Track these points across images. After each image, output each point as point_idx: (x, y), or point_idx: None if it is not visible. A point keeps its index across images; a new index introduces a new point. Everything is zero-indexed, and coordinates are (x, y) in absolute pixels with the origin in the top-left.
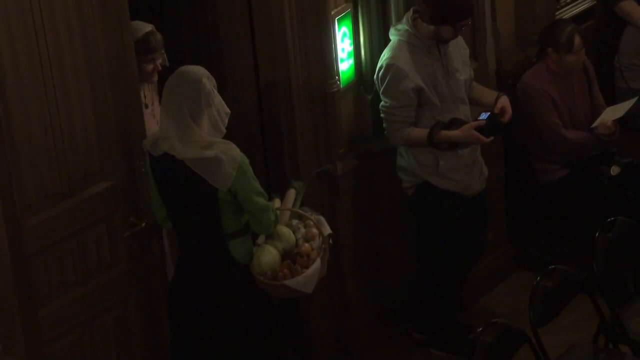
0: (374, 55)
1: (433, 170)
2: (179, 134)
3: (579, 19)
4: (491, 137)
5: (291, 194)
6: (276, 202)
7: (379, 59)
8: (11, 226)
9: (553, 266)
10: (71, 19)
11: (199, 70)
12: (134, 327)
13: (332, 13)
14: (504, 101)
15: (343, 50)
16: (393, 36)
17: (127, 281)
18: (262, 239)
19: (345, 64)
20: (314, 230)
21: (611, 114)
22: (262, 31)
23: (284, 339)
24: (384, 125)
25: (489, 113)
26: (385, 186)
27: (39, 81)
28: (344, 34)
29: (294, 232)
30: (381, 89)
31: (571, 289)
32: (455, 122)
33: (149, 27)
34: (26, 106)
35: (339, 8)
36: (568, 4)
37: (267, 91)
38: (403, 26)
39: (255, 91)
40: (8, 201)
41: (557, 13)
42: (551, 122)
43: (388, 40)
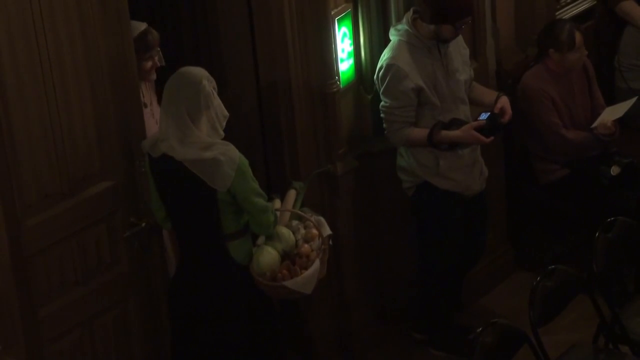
0: (374, 55)
1: (433, 171)
2: (178, 135)
3: (579, 19)
4: (491, 137)
5: (291, 194)
6: (276, 202)
7: (379, 59)
8: (11, 226)
9: (553, 266)
10: (71, 19)
11: (198, 72)
12: (134, 327)
13: (332, 13)
14: (504, 101)
15: (343, 50)
16: (393, 36)
17: (127, 281)
18: (261, 240)
19: (345, 64)
20: (314, 231)
21: (611, 114)
22: (262, 31)
23: (284, 339)
24: (384, 125)
25: (489, 113)
26: (385, 186)
27: (39, 81)
28: (344, 34)
29: (294, 233)
30: (381, 89)
31: (571, 289)
32: (456, 122)
33: (143, 26)
34: (26, 106)
35: (339, 8)
36: (568, 4)
37: (267, 91)
38: (403, 26)
39: (255, 91)
40: (8, 201)
41: (557, 13)
42: (551, 122)
43: (388, 40)
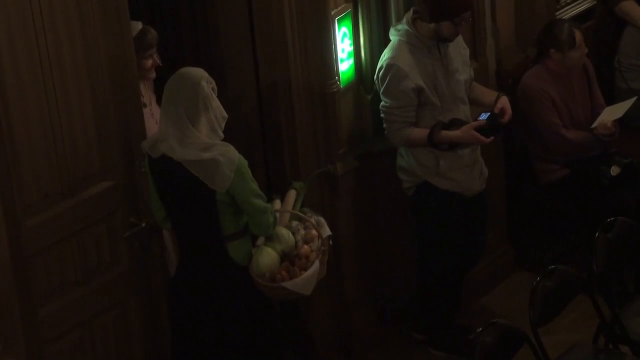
0: (374, 55)
1: (433, 171)
2: (177, 135)
3: (579, 19)
4: (491, 137)
5: (291, 194)
6: (276, 203)
7: (379, 59)
8: (11, 226)
9: (553, 266)
10: (71, 19)
11: (198, 73)
12: (134, 327)
13: (332, 13)
14: (504, 101)
15: (343, 50)
16: (393, 36)
17: (127, 281)
18: (261, 241)
19: (345, 64)
20: (314, 232)
21: (610, 114)
22: (262, 31)
23: (284, 339)
24: (384, 125)
25: (489, 113)
26: (385, 186)
27: (39, 81)
28: (344, 34)
29: (294, 234)
30: (381, 89)
31: (571, 289)
32: (456, 123)
33: (140, 25)
34: (26, 106)
35: (339, 8)
36: (568, 4)
37: (267, 91)
38: (403, 26)
39: (255, 91)
40: (8, 201)
41: (557, 13)
42: (551, 123)
43: (388, 40)
